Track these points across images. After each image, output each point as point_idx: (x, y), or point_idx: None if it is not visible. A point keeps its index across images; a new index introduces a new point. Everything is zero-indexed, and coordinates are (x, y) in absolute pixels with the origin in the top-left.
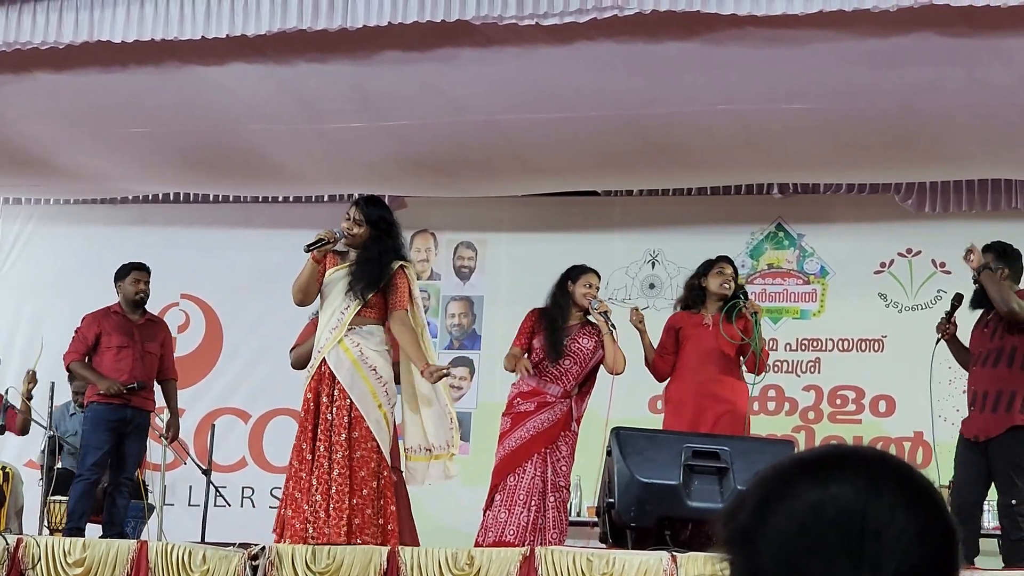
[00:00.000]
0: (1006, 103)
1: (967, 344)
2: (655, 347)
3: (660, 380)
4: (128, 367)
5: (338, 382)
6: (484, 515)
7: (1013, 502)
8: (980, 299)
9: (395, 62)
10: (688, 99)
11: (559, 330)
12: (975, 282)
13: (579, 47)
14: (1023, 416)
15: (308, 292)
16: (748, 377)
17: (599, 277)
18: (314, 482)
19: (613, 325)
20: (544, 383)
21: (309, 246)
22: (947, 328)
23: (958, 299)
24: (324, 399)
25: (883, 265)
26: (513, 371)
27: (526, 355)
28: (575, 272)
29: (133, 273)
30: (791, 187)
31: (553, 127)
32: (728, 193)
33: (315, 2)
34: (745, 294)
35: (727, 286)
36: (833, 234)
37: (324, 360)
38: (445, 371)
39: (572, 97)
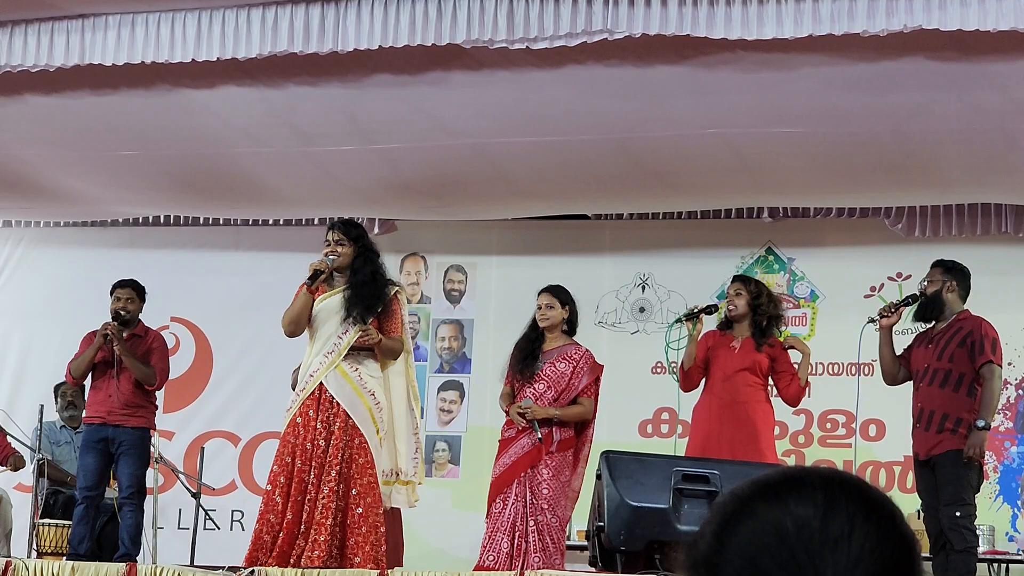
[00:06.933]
0: (996, 128)
1: (899, 350)
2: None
3: (684, 390)
4: (105, 386)
5: (336, 406)
6: None
7: (957, 514)
8: (924, 313)
9: (385, 85)
10: (678, 123)
11: (529, 354)
12: (921, 294)
13: (569, 71)
14: (965, 440)
15: (300, 323)
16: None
17: (550, 293)
18: (300, 504)
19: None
20: None
21: (311, 283)
22: (889, 314)
23: (913, 298)
24: (319, 424)
25: (873, 289)
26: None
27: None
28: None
29: (116, 291)
30: (781, 211)
31: (543, 151)
32: (718, 217)
33: (306, 25)
34: (772, 306)
35: (732, 306)
36: (823, 258)
37: (321, 385)
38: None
39: (562, 121)
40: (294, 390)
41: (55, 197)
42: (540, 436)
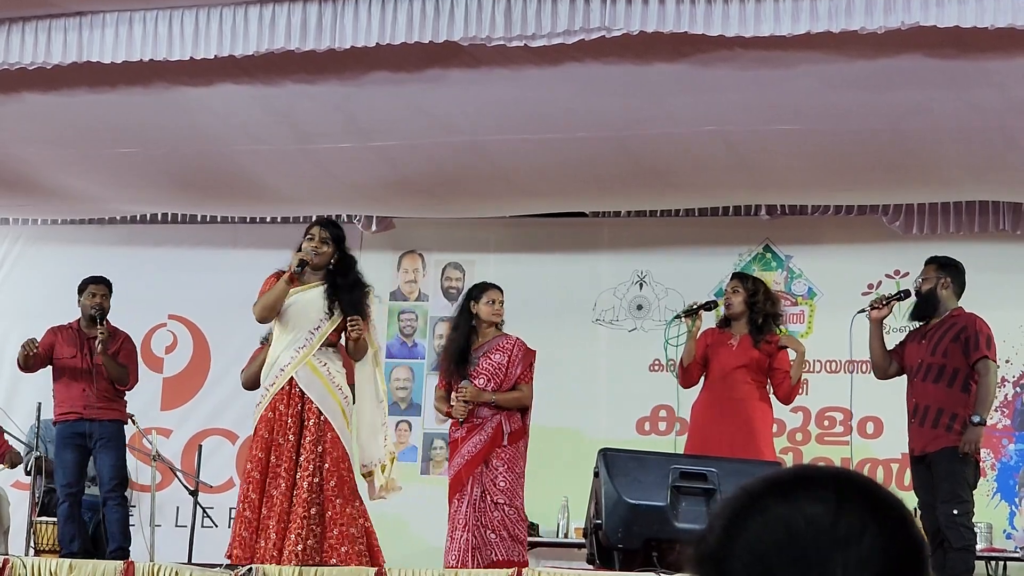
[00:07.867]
0: (994, 125)
1: (890, 345)
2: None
3: (684, 386)
4: (78, 382)
5: (307, 400)
6: None
7: (955, 511)
8: (921, 311)
9: (383, 83)
10: (676, 120)
11: (462, 352)
12: (916, 292)
13: (567, 68)
14: (960, 437)
15: (275, 311)
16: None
17: (501, 292)
18: (273, 499)
19: None
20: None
21: (299, 270)
22: (880, 307)
23: (906, 293)
24: (289, 420)
25: (871, 286)
26: (447, 415)
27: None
28: (476, 291)
29: (89, 287)
30: (779, 208)
31: (541, 148)
32: (716, 214)
33: (303, 23)
34: (770, 303)
35: (730, 304)
36: (821, 255)
37: (291, 379)
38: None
39: (560, 118)
40: (246, 388)
41: (53, 195)
42: (461, 419)
